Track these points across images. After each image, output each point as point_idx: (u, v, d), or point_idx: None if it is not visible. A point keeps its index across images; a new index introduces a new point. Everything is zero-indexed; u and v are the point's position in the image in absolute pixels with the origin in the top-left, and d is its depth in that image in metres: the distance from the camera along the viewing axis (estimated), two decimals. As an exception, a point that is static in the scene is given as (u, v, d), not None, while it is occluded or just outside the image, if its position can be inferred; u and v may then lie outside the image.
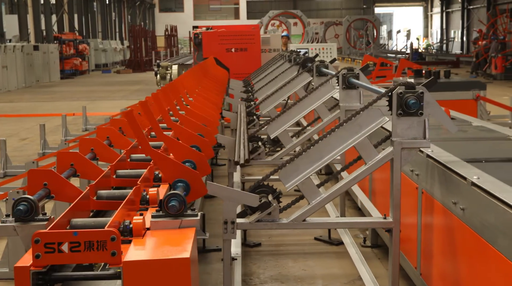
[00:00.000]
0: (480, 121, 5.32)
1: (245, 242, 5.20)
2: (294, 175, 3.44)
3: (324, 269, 4.64)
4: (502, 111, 10.75)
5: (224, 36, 13.52)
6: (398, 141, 3.34)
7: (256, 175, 7.57)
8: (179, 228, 2.54)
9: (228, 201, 3.31)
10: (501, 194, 2.60)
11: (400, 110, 3.34)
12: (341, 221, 3.51)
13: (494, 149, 4.12)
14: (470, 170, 3.11)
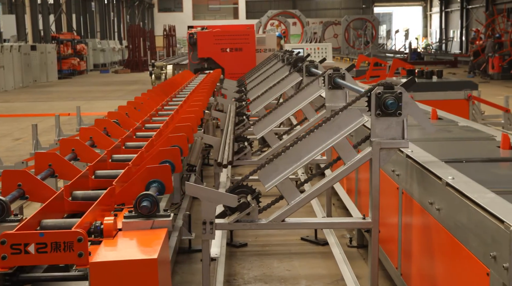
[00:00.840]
0: (466, 121, 5.32)
1: (231, 243, 5.20)
2: (274, 175, 3.44)
3: (309, 269, 4.65)
4: (496, 111, 10.72)
5: (219, 36, 13.51)
6: (377, 142, 3.34)
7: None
8: (151, 228, 2.54)
9: (206, 202, 3.31)
10: (473, 194, 2.60)
11: (379, 111, 3.33)
12: (320, 221, 3.51)
13: (476, 149, 4.12)
14: (446, 170, 3.11)
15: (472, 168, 3.41)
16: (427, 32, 62.16)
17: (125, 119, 5.14)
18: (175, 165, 3.38)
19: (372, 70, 11.42)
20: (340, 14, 54.92)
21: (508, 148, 3.98)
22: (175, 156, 3.38)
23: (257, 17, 42.27)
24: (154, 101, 6.77)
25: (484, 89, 18.68)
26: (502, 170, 3.41)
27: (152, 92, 7.40)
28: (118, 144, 4.04)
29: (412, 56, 36.32)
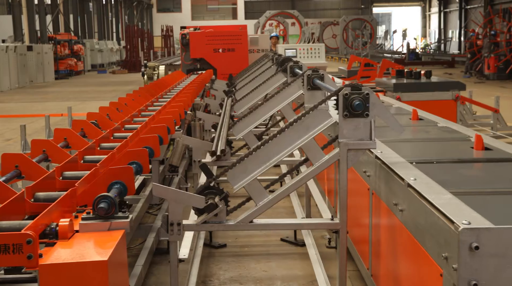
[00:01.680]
0: (446, 122, 5.31)
1: (210, 243, 5.20)
2: (242, 176, 3.44)
3: (285, 270, 4.64)
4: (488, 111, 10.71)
5: (212, 37, 13.51)
6: (344, 143, 3.34)
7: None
8: (108, 230, 2.54)
9: (174, 203, 3.31)
10: (430, 195, 2.60)
11: (346, 112, 3.33)
12: (288, 222, 3.51)
13: (450, 150, 4.11)
14: (410, 171, 3.11)
15: (440, 169, 3.42)
16: (426, 32, 62.17)
17: (105, 121, 5.14)
18: (143, 166, 3.38)
19: (362, 70, 11.41)
20: (339, 15, 54.94)
21: (481, 149, 3.98)
22: (143, 157, 3.38)
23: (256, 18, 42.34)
24: (139, 102, 6.78)
25: (479, 90, 18.71)
26: (469, 171, 3.41)
27: (138, 93, 7.40)
28: (92, 145, 4.03)
29: (410, 57, 36.33)
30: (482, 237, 2.17)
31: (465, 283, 2.17)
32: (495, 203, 2.69)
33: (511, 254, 2.18)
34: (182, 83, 9.33)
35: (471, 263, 2.18)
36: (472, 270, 2.18)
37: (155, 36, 46.31)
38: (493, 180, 3.19)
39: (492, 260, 2.17)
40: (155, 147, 3.84)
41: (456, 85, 8.64)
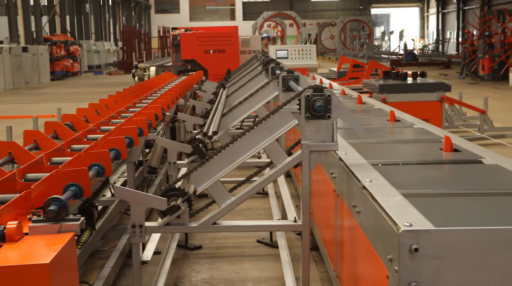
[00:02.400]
0: (423, 123, 5.31)
1: (185, 245, 5.19)
2: (206, 178, 3.44)
3: (258, 271, 4.64)
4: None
5: (202, 38, 13.52)
6: (306, 145, 3.34)
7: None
8: (58, 232, 2.54)
9: (135, 205, 3.31)
10: (380, 197, 2.60)
11: (308, 114, 3.33)
12: (251, 224, 3.51)
13: (420, 151, 4.12)
14: (369, 173, 3.11)
15: (403, 171, 3.42)
16: (424, 33, 62.18)
17: (80, 122, 5.14)
18: (105, 167, 3.38)
19: (351, 72, 11.41)
20: (337, 15, 54.96)
21: (449, 150, 3.98)
22: (104, 159, 3.38)
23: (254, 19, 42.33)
24: (120, 103, 6.79)
25: (473, 91, 18.72)
26: (431, 173, 3.41)
27: (121, 95, 7.41)
28: (61, 146, 4.03)
29: (407, 57, 36.32)
30: (422, 239, 2.17)
31: (406, 285, 2.17)
32: (447, 205, 2.68)
33: (451, 256, 2.18)
34: (169, 85, 9.34)
35: (411, 265, 2.18)
36: (412, 272, 2.18)
37: (153, 37, 46.31)
38: (452, 182, 3.20)
39: (432, 262, 2.18)
40: (122, 148, 3.84)
41: (441, 86, 8.64)
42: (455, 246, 2.18)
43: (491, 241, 2.17)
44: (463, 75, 24.10)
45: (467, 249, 2.18)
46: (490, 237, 2.18)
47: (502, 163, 3.57)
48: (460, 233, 2.19)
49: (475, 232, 2.19)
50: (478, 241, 2.18)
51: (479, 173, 3.42)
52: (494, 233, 2.18)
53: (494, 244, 2.17)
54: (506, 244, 2.17)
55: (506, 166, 3.49)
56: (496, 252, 2.17)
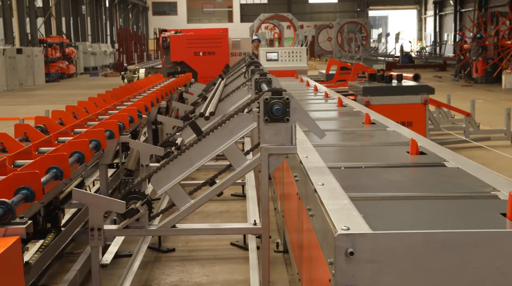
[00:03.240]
0: (397, 126, 5.30)
1: (159, 248, 5.19)
2: (166, 180, 3.44)
3: (228, 274, 4.64)
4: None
5: (192, 40, 13.54)
6: (265, 148, 3.34)
7: (198, 180, 7.55)
8: (3, 236, 2.54)
9: (94, 208, 3.31)
10: (326, 200, 2.60)
11: (267, 117, 3.33)
12: (210, 227, 3.51)
13: (386, 154, 4.11)
14: (324, 176, 3.11)
15: (363, 174, 3.42)
16: (422, 36, 62.25)
17: (53, 125, 5.14)
18: (63, 171, 3.38)
19: (339, 74, 11.42)
20: (335, 18, 54.99)
21: (415, 153, 3.99)
22: (62, 162, 3.38)
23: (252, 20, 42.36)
24: (101, 105, 6.79)
25: (465, 93, 18.74)
26: (391, 175, 3.40)
27: (102, 97, 7.40)
28: (27, 149, 4.03)
29: (404, 60, 36.38)
30: (358, 243, 2.17)
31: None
32: (395, 208, 2.68)
33: (387, 259, 2.18)
34: (155, 87, 9.33)
35: (347, 268, 2.18)
36: (348, 276, 2.18)
37: (151, 39, 46.34)
38: (409, 185, 3.20)
39: (368, 266, 2.17)
40: (85, 151, 3.84)
41: (425, 89, 8.64)
42: (391, 250, 2.18)
43: (426, 244, 2.17)
44: (457, 78, 24.12)
45: (403, 253, 2.18)
46: (425, 240, 2.17)
47: (464, 166, 3.57)
48: (396, 237, 2.18)
49: (410, 235, 2.18)
50: (414, 245, 2.18)
51: (439, 176, 3.42)
52: (430, 237, 2.18)
53: (429, 247, 2.17)
54: (441, 247, 2.17)
55: (467, 169, 3.49)
56: (432, 255, 2.17)
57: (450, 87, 21.30)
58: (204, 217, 6.15)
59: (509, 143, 9.61)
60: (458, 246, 2.18)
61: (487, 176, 3.30)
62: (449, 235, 2.18)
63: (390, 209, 2.68)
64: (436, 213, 2.67)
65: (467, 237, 2.19)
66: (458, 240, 2.18)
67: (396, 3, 64.07)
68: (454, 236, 2.19)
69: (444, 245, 2.18)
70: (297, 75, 12.64)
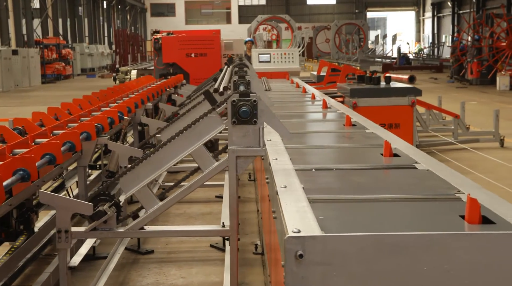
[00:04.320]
0: (377, 128, 5.30)
1: (138, 249, 5.19)
2: (135, 183, 3.44)
3: (204, 276, 4.64)
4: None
5: (184, 42, 13.56)
6: (233, 150, 3.34)
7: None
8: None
9: (61, 210, 3.30)
10: (284, 202, 2.59)
11: (234, 119, 3.33)
12: (179, 229, 3.51)
13: (359, 156, 4.10)
14: (288, 178, 3.10)
15: (331, 176, 3.41)
16: (420, 37, 62.29)
17: (32, 126, 5.14)
18: (30, 172, 3.37)
19: (329, 76, 11.42)
20: (333, 19, 55.07)
21: (388, 156, 3.98)
22: (30, 164, 3.38)
23: (250, 22, 42.44)
24: (86, 107, 6.79)
25: (459, 95, 18.74)
26: (359, 178, 3.39)
27: (87, 99, 7.40)
28: (1, 150, 4.02)
29: (401, 61, 36.38)
30: (308, 245, 2.16)
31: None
32: (354, 210, 2.68)
33: (338, 262, 2.17)
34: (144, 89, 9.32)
35: (297, 271, 2.17)
36: (298, 279, 2.17)
37: (148, 40, 46.33)
38: (376, 187, 3.18)
39: (318, 268, 2.16)
40: (56, 153, 3.84)
41: (412, 91, 8.64)
42: (341, 252, 2.17)
43: (377, 247, 2.17)
44: (452, 80, 24.13)
45: (353, 255, 2.17)
46: (376, 243, 2.17)
47: (435, 169, 3.56)
48: (346, 239, 2.18)
49: (361, 238, 2.18)
50: (364, 247, 2.17)
51: (407, 178, 3.42)
52: (380, 239, 2.17)
53: (379, 249, 2.17)
54: (391, 249, 2.17)
55: (437, 171, 3.48)
56: (382, 257, 2.17)
57: (445, 88, 21.31)
58: (186, 219, 6.15)
59: (497, 144, 9.61)
60: (408, 248, 2.18)
61: (455, 179, 3.29)
62: (399, 237, 2.18)
63: (350, 211, 2.68)
64: (396, 215, 2.67)
65: (417, 239, 2.18)
66: (408, 242, 2.18)
67: (395, 4, 64.09)
68: (404, 238, 2.18)
69: (394, 247, 2.17)
70: (289, 76, 12.64)
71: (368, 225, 2.50)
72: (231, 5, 60.84)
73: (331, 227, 2.45)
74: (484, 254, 2.20)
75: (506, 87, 19.83)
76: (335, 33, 45.83)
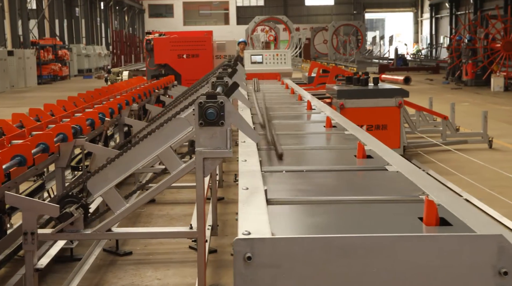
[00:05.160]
0: (356, 130, 5.29)
1: (116, 251, 5.17)
2: (102, 184, 3.43)
3: (180, 278, 4.63)
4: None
5: (176, 43, 13.56)
6: (200, 151, 3.33)
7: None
8: None
9: (27, 212, 3.30)
10: (242, 205, 2.59)
11: (201, 120, 3.33)
12: (146, 231, 3.50)
13: (333, 158, 4.10)
14: (253, 180, 3.09)
15: (299, 178, 3.40)
16: (418, 38, 62.31)
17: (10, 128, 5.14)
18: None
19: (319, 77, 11.42)
20: (331, 20, 55.09)
21: (361, 157, 3.98)
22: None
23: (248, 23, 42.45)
24: (70, 108, 6.79)
25: (454, 96, 18.74)
26: (327, 180, 3.39)
27: (72, 100, 7.41)
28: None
29: (398, 62, 36.39)
30: (256, 248, 2.15)
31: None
32: (314, 212, 2.68)
33: (287, 264, 2.16)
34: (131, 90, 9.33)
35: (246, 273, 2.16)
36: (247, 281, 2.16)
37: (146, 41, 46.28)
38: (340, 189, 3.19)
39: (267, 271, 2.16)
40: (27, 155, 3.83)
41: (399, 92, 8.64)
42: (290, 255, 2.16)
43: (325, 249, 2.16)
44: (448, 81, 24.13)
45: (302, 257, 2.16)
46: (324, 245, 2.16)
47: (405, 170, 3.56)
48: (295, 241, 2.17)
49: (309, 240, 2.17)
50: (313, 249, 2.16)
51: (375, 180, 3.42)
52: (329, 241, 2.17)
53: (328, 252, 2.16)
54: (340, 252, 2.16)
55: (406, 173, 3.48)
56: (331, 260, 2.16)
57: (440, 90, 21.31)
58: (168, 220, 6.14)
59: (486, 146, 9.61)
60: (356, 250, 2.17)
61: (422, 181, 3.28)
62: (347, 240, 2.17)
63: (308, 213, 2.67)
64: (354, 217, 2.67)
65: (365, 241, 2.17)
66: (356, 245, 2.17)
67: (393, 5, 64.09)
68: (352, 241, 2.17)
69: (342, 249, 2.17)
70: (280, 77, 12.63)
71: (323, 227, 2.49)
72: (229, 6, 60.85)
73: (285, 229, 2.46)
74: (433, 255, 2.18)
75: (500, 88, 19.83)
76: (332, 34, 45.83)
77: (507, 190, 6.80)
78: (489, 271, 2.15)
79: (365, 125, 8.59)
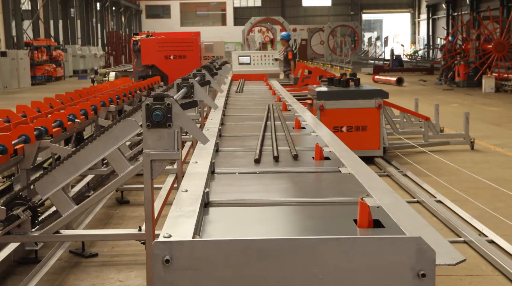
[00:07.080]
0: (324, 131, 5.28)
1: (81, 252, 5.15)
2: (51, 186, 3.42)
3: (142, 279, 4.61)
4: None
5: (163, 44, 13.55)
6: (147, 153, 3.32)
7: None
8: None
9: (-27, 213, 3.29)
10: (174, 207, 2.58)
11: (149, 122, 3.31)
12: (95, 233, 3.49)
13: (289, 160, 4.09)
14: (196, 182, 3.07)
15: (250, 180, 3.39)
16: (415, 39, 62.33)
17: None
18: None
19: (304, 78, 11.41)
20: (328, 21, 55.08)
21: (319, 159, 3.97)
22: None
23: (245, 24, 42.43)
24: (44, 109, 6.78)
25: (444, 97, 18.72)
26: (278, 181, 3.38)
27: (49, 101, 7.38)
28: None
29: (393, 63, 36.37)
30: (175, 250, 2.14)
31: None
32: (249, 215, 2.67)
33: (206, 267, 2.15)
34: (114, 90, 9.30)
35: (165, 276, 2.14)
36: (167, 284, 2.15)
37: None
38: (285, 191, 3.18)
39: (186, 274, 2.14)
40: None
41: (379, 93, 8.62)
42: (209, 258, 2.15)
43: (244, 252, 2.14)
44: (440, 82, 24.12)
45: (221, 261, 2.15)
46: (243, 248, 2.15)
47: (358, 172, 3.55)
48: (214, 244, 2.15)
49: (228, 243, 2.15)
50: (232, 252, 2.15)
51: (324, 182, 3.42)
52: (247, 244, 2.15)
53: (247, 255, 2.14)
54: (259, 255, 2.15)
55: (358, 175, 3.47)
56: (250, 263, 2.14)
57: (432, 91, 21.30)
58: (140, 222, 6.10)
59: (468, 147, 9.60)
60: (275, 253, 2.16)
61: (371, 182, 3.28)
62: (266, 242, 2.15)
63: (242, 215, 2.66)
64: (290, 219, 2.66)
65: (283, 244, 2.16)
66: (274, 247, 2.15)
67: (390, 6, 64.10)
68: (270, 243, 2.16)
69: (262, 252, 2.15)
70: (267, 78, 12.62)
71: (251, 230, 2.48)
72: (226, 7, 60.86)
73: (212, 232, 2.45)
74: (352, 257, 2.16)
75: (492, 89, 19.82)
76: (328, 35, 45.85)
77: (481, 191, 6.78)
78: (408, 273, 2.13)
79: (345, 126, 8.59)
